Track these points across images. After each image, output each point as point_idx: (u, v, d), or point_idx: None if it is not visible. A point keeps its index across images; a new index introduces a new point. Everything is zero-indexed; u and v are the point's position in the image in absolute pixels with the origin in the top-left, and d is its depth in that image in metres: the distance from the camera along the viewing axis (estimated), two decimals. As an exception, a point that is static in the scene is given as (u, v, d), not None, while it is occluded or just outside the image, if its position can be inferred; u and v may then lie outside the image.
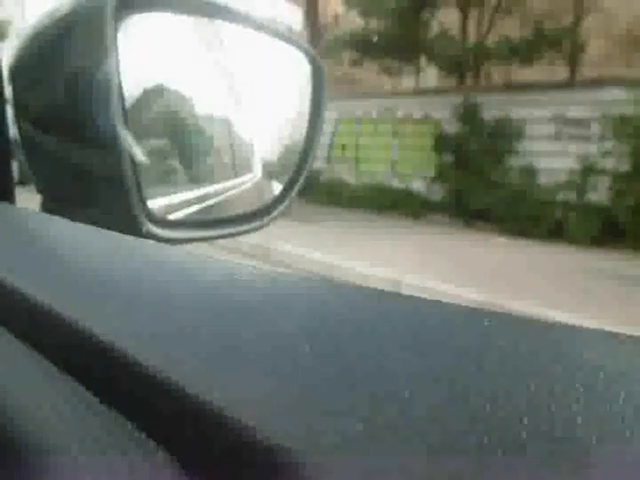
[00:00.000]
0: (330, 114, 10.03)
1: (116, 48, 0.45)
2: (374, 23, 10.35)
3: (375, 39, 9.89)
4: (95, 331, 0.18)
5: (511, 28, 9.18)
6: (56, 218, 0.33)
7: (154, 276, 0.21)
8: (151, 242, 0.26)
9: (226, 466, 0.14)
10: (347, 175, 10.14)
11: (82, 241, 0.27)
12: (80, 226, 0.29)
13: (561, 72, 8.85)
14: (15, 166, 0.56)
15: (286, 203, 0.76)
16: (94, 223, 0.41)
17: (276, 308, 0.19)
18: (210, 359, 0.17)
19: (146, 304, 0.20)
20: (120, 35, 0.47)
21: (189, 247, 0.51)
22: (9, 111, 0.52)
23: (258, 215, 0.70)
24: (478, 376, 0.15)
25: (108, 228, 0.42)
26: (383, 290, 0.21)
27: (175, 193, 0.63)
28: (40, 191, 0.45)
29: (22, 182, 0.58)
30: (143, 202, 0.44)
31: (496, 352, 0.17)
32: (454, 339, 0.18)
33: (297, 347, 0.17)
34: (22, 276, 0.22)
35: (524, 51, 9.02)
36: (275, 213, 0.73)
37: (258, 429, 0.14)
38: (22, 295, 0.20)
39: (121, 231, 0.40)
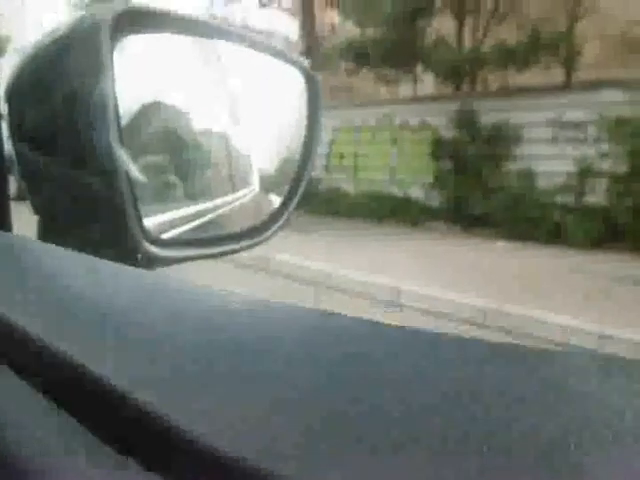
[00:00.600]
0: (328, 123, 10.07)
1: (112, 68, 0.45)
2: (370, 32, 10.41)
3: (371, 48, 9.95)
4: (87, 366, 0.18)
5: (507, 33, 9.23)
6: (51, 246, 0.33)
7: (147, 308, 0.21)
8: (145, 271, 0.26)
9: None
10: (345, 184, 10.16)
11: (76, 272, 0.26)
12: (75, 255, 0.29)
13: (558, 75, 8.89)
14: (12, 181, 0.56)
15: (285, 217, 0.76)
16: (91, 243, 0.41)
17: (267, 340, 0.19)
18: (199, 393, 0.17)
19: (138, 337, 0.19)
20: (117, 54, 0.48)
21: (188, 267, 0.51)
22: (4, 129, 0.52)
23: (257, 230, 0.70)
24: (473, 411, 0.15)
25: (105, 248, 0.41)
26: (376, 321, 0.21)
27: (173, 210, 0.63)
28: (36, 211, 0.45)
29: (20, 197, 0.58)
30: (140, 221, 0.44)
31: (490, 384, 0.17)
32: (448, 371, 0.18)
33: (289, 382, 0.16)
34: (14, 307, 0.22)
35: (520, 56, 9.07)
36: (274, 228, 0.73)
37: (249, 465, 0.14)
38: (12, 327, 0.20)
39: (118, 251, 0.40)
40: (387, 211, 9.17)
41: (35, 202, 0.45)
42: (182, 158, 0.73)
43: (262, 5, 11.85)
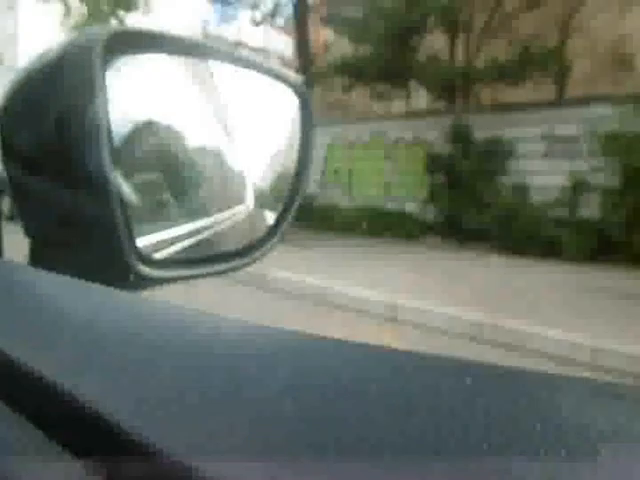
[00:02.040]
0: (322, 139, 10.13)
1: (104, 89, 0.45)
2: (364, 49, 10.52)
3: (365, 65, 10.05)
4: (75, 394, 0.17)
5: (498, 50, 9.36)
6: (42, 272, 0.33)
7: (139, 334, 0.21)
8: (138, 296, 0.26)
9: None
10: (340, 199, 10.19)
11: (67, 297, 0.26)
12: (66, 280, 0.29)
13: (549, 91, 8.99)
14: (6, 201, 0.56)
15: (280, 234, 0.76)
16: (84, 265, 0.41)
17: (260, 366, 0.19)
18: (191, 422, 0.16)
19: (129, 365, 0.19)
20: (110, 75, 0.48)
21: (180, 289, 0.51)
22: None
23: (252, 248, 0.69)
24: (462, 439, 0.15)
25: (98, 269, 0.41)
26: (368, 344, 0.21)
27: (167, 228, 0.63)
28: (28, 233, 0.45)
29: (13, 218, 0.58)
30: (132, 242, 0.43)
31: (480, 411, 0.16)
32: (438, 397, 0.17)
33: (280, 409, 0.16)
34: (3, 334, 0.22)
35: (512, 71, 9.18)
36: (269, 245, 0.73)
37: None
38: (3, 354, 0.20)
39: (111, 272, 0.40)
40: (382, 226, 9.19)
41: (27, 224, 0.45)
42: (176, 176, 0.73)
43: (256, 24, 11.99)
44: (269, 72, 0.68)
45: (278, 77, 0.70)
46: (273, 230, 0.77)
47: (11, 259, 0.43)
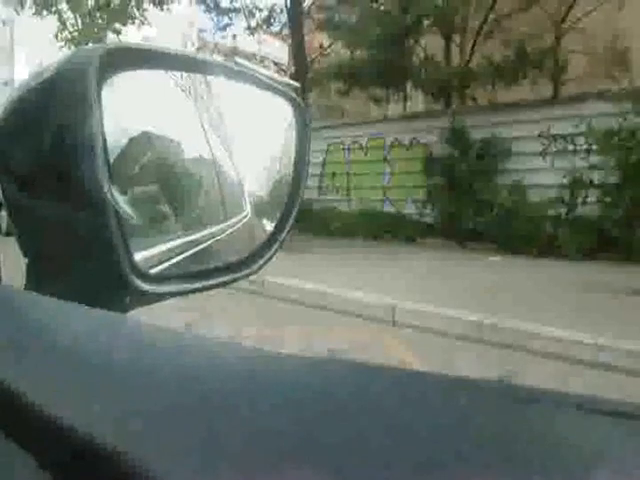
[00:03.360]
0: (320, 143, 10.13)
1: (100, 106, 0.45)
2: (360, 53, 10.54)
3: (361, 68, 10.07)
4: (74, 424, 0.17)
5: (494, 50, 9.38)
6: (38, 297, 0.33)
7: (134, 361, 0.21)
8: (135, 320, 0.26)
9: None
10: (339, 203, 10.19)
11: (64, 323, 0.26)
12: (63, 305, 0.29)
13: (545, 90, 9.01)
14: (4, 216, 0.56)
15: (279, 242, 0.76)
16: (80, 283, 0.41)
17: (256, 392, 0.19)
18: (188, 452, 0.16)
19: (125, 394, 0.19)
20: (106, 90, 0.48)
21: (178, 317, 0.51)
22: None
23: (251, 258, 0.69)
24: (455, 462, 0.15)
25: (95, 286, 0.41)
26: (365, 364, 0.21)
27: (164, 242, 0.63)
28: (25, 252, 0.45)
29: (9, 234, 0.58)
30: (130, 258, 0.43)
31: (475, 432, 0.16)
32: (433, 418, 0.17)
33: (276, 434, 0.16)
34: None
35: (508, 72, 9.19)
36: (269, 254, 0.73)
37: None
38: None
39: (108, 288, 0.40)
40: (381, 229, 9.18)
41: (23, 243, 0.45)
42: (173, 189, 0.74)
43: (251, 32, 12.03)
44: (264, 83, 0.69)
45: (272, 87, 0.71)
46: (272, 239, 0.77)
47: (8, 284, 0.44)
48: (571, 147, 7.75)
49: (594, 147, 7.17)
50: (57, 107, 0.47)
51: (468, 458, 0.15)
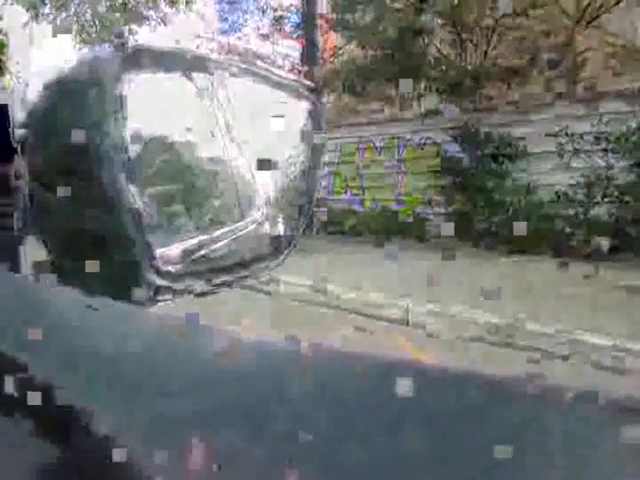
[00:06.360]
0: (333, 143, 10.12)
1: (121, 108, 0.46)
2: (372, 53, 10.49)
3: (374, 68, 10.03)
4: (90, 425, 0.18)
5: (508, 48, 9.29)
6: (59, 288, 0.34)
7: (150, 354, 0.22)
8: (153, 315, 0.27)
9: None
10: (352, 203, 10.17)
11: (85, 316, 0.27)
12: (84, 299, 0.29)
13: (560, 89, 8.90)
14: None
15: (293, 241, 0.77)
16: (102, 279, 0.42)
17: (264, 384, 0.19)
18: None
19: (139, 381, 0.20)
20: (126, 90, 0.49)
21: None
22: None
23: (266, 256, 0.70)
24: (467, 452, 0.15)
25: (116, 283, 0.42)
26: (365, 353, 0.21)
27: (182, 240, 0.64)
28: (48, 249, 0.46)
29: (21, 232, 0.59)
30: (150, 255, 0.44)
31: (485, 425, 0.17)
32: (442, 408, 0.18)
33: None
34: (20, 351, 0.22)
35: (523, 70, 9.09)
36: (283, 253, 0.74)
37: None
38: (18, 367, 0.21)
39: (128, 285, 0.41)
40: (395, 229, 9.14)
41: (47, 239, 0.46)
42: (190, 187, 0.75)
43: (262, 38, 12.08)
44: (279, 83, 0.69)
45: (287, 87, 0.71)
46: (286, 237, 0.78)
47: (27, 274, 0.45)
48: (587, 146, 7.66)
49: (611, 146, 7.07)
50: (78, 108, 0.48)
51: (480, 450, 0.15)
